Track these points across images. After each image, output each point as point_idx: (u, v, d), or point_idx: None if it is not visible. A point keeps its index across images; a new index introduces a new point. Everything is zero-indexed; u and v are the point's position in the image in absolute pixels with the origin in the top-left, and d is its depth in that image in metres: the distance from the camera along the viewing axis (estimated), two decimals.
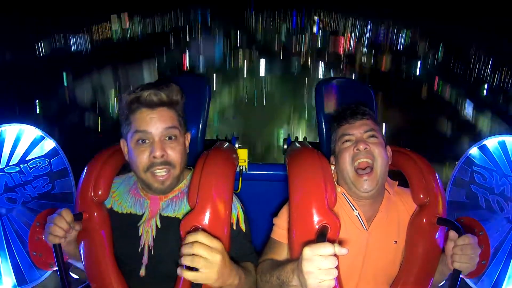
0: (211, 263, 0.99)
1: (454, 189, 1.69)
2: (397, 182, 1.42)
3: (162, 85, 1.23)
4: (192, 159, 1.35)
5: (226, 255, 1.04)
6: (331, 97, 1.65)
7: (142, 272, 1.24)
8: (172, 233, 1.21)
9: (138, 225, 1.26)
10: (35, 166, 1.71)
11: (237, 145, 1.77)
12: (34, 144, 1.72)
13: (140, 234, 1.25)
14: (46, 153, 1.73)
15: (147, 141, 1.19)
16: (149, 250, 1.24)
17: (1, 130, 1.72)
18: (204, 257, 0.98)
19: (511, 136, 1.70)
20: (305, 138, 1.93)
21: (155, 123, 1.19)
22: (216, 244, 1.01)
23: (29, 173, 1.70)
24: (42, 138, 1.73)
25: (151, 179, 1.21)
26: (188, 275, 0.99)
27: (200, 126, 1.58)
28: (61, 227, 1.13)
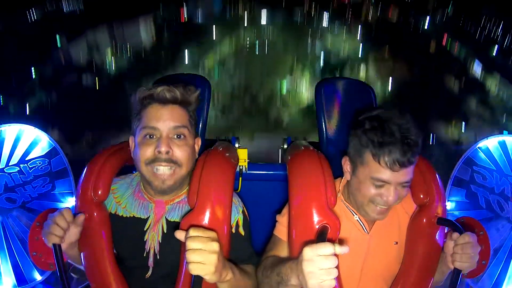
0: (208, 252, 0.96)
1: (454, 189, 1.69)
2: None
3: (180, 83, 1.23)
4: None
5: (220, 246, 1.01)
6: (332, 97, 1.65)
7: (149, 274, 1.24)
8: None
9: (145, 229, 1.25)
10: (35, 166, 1.71)
11: (237, 145, 1.78)
12: (33, 144, 1.72)
13: (145, 239, 1.24)
14: (45, 153, 1.73)
15: (154, 137, 1.17)
16: (155, 255, 1.24)
17: (1, 130, 1.72)
18: (199, 248, 0.96)
19: (511, 136, 1.70)
20: (304, 138, 1.93)
21: (164, 120, 1.17)
22: (209, 233, 0.99)
23: (29, 173, 1.70)
24: (42, 138, 1.73)
25: (151, 175, 1.18)
26: (189, 267, 0.97)
27: (200, 126, 1.58)
28: (61, 227, 1.11)
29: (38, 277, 1.62)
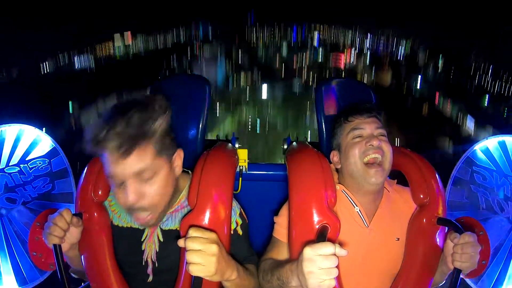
0: (208, 254, 0.96)
1: (454, 189, 1.69)
2: (396, 180, 1.42)
3: (132, 115, 1.00)
4: (192, 160, 1.35)
5: (222, 246, 1.01)
6: (331, 97, 1.65)
7: (150, 279, 1.24)
8: (175, 244, 1.14)
9: (142, 240, 1.25)
10: (35, 166, 1.71)
11: (237, 145, 1.78)
12: (34, 144, 1.72)
13: (143, 249, 1.24)
14: (46, 153, 1.73)
15: (122, 183, 1.06)
16: (153, 263, 1.24)
17: (1, 130, 1.72)
18: (199, 249, 0.96)
19: (511, 136, 1.70)
20: (305, 138, 1.93)
21: (123, 169, 1.03)
22: (209, 234, 0.99)
23: (29, 173, 1.70)
24: (42, 138, 1.73)
25: (134, 218, 1.14)
26: (189, 268, 0.97)
27: (200, 126, 1.58)
28: (60, 227, 1.12)
29: (38, 277, 1.62)
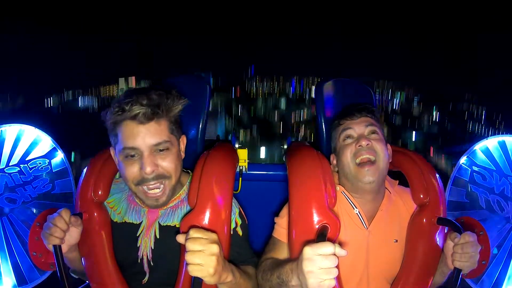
0: (208, 254, 0.96)
1: (454, 189, 1.69)
2: (397, 181, 1.42)
3: (152, 93, 1.13)
4: (192, 160, 1.35)
5: (221, 248, 1.02)
6: (331, 97, 1.65)
7: (145, 280, 1.25)
8: (171, 242, 1.15)
9: (137, 235, 1.24)
10: (35, 167, 1.71)
11: (237, 145, 1.78)
12: (34, 144, 1.72)
13: (138, 245, 1.24)
14: (46, 153, 1.73)
15: (136, 156, 1.12)
16: (148, 261, 1.23)
17: (1, 130, 1.72)
18: (199, 250, 0.96)
19: (511, 136, 1.70)
20: (305, 138, 1.93)
21: (143, 138, 1.10)
22: (209, 235, 0.99)
23: (29, 173, 1.70)
24: (42, 138, 1.73)
25: (143, 194, 1.16)
26: (188, 269, 0.97)
27: (200, 126, 1.58)
28: (60, 228, 1.11)
29: (38, 277, 1.61)
